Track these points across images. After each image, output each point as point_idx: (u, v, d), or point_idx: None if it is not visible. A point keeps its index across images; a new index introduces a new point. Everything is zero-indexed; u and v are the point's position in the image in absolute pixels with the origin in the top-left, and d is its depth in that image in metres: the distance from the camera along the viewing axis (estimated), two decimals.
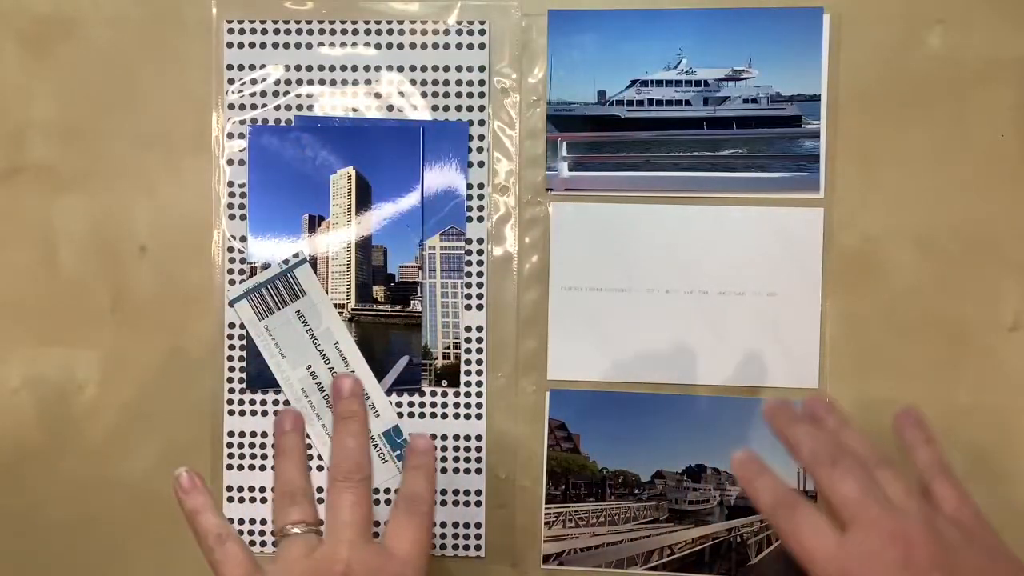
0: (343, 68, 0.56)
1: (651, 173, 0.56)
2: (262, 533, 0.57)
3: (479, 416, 0.56)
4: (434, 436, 0.56)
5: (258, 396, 0.56)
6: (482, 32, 0.55)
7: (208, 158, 0.56)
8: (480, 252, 0.56)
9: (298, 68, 0.56)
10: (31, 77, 0.57)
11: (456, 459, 0.56)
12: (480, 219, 0.56)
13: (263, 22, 0.56)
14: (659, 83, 0.55)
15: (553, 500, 0.56)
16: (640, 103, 0.56)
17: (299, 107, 0.56)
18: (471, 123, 0.56)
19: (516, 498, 0.56)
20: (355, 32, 0.56)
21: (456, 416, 0.56)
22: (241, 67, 0.56)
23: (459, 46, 0.56)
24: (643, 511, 0.56)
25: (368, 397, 0.56)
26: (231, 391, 0.56)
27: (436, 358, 0.56)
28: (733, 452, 0.43)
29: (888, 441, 0.45)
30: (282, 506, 0.44)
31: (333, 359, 0.56)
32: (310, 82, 0.56)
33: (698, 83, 0.55)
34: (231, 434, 0.56)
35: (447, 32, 0.56)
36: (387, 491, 0.56)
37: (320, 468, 0.56)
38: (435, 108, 0.56)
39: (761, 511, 0.41)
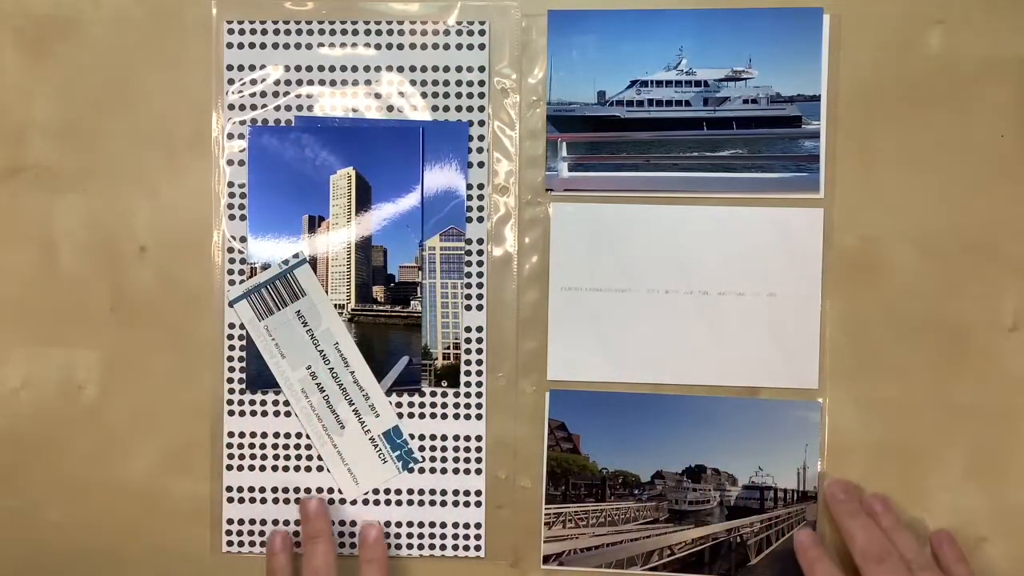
0: (343, 68, 0.56)
1: (651, 173, 0.56)
2: (261, 534, 0.57)
3: (479, 416, 0.56)
4: (434, 436, 0.56)
5: (258, 396, 0.56)
6: (482, 32, 0.55)
7: (208, 158, 0.56)
8: (480, 252, 0.56)
9: (298, 68, 0.56)
10: (31, 77, 0.57)
11: (456, 459, 0.56)
12: (480, 219, 0.56)
13: (263, 22, 0.56)
14: (659, 83, 0.55)
15: (553, 500, 0.56)
16: (640, 103, 0.56)
17: (299, 107, 0.56)
18: (471, 123, 0.56)
19: (516, 498, 0.56)
20: (355, 32, 0.56)
21: (456, 416, 0.56)
22: (241, 67, 0.56)
23: (459, 46, 0.56)
24: (643, 511, 0.55)
25: (368, 397, 0.56)
26: (231, 391, 0.56)
27: (436, 358, 0.56)
28: (798, 530, 0.53)
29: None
30: None
31: (333, 359, 0.56)
32: (310, 82, 0.56)
33: (698, 83, 0.55)
34: (231, 434, 0.56)
35: (447, 32, 0.56)
36: (387, 491, 0.56)
37: (320, 469, 0.56)
38: (435, 108, 0.56)
39: None
